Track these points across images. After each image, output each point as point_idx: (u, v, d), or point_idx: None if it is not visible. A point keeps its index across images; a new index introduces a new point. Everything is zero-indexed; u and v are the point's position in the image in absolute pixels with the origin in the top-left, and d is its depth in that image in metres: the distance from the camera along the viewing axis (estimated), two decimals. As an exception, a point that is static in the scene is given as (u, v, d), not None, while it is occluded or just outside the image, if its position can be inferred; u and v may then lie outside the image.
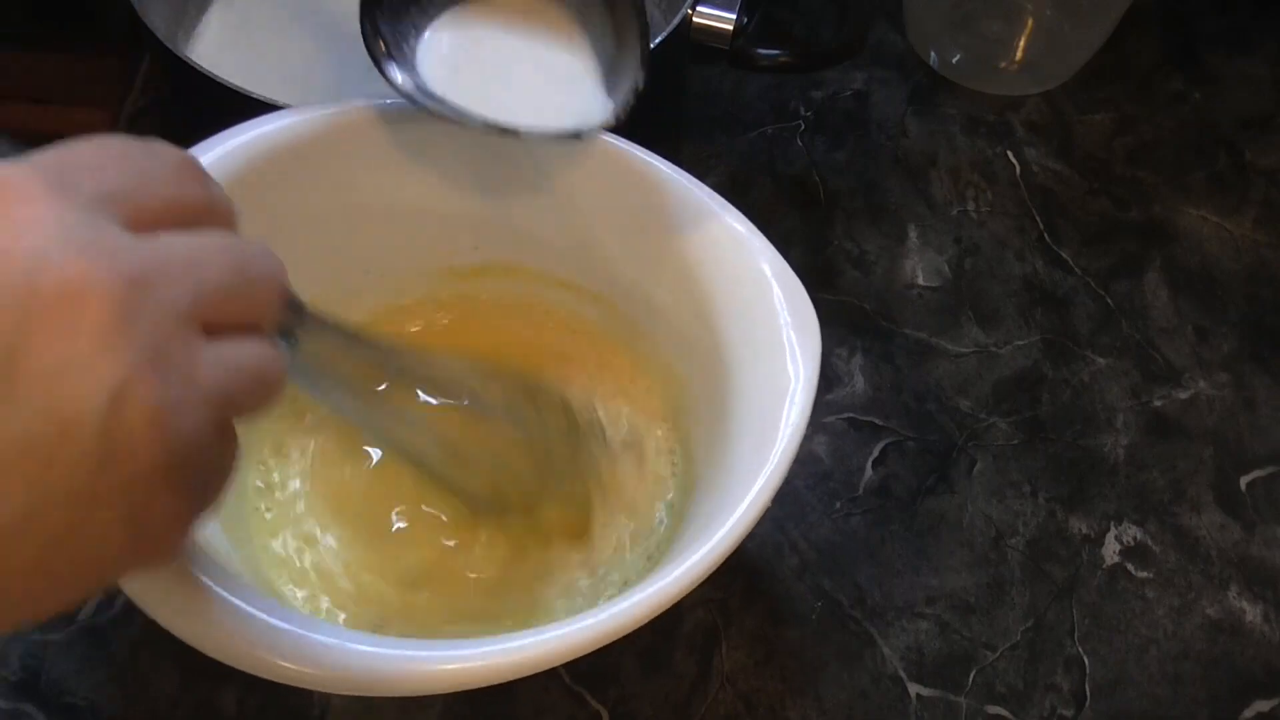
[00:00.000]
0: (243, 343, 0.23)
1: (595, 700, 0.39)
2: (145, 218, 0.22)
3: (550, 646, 0.28)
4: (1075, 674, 0.41)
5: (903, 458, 0.46)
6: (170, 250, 0.22)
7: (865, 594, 0.42)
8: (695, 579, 0.29)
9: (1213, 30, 0.63)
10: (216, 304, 0.23)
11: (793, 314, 0.35)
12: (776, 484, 0.31)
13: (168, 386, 0.20)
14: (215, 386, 0.22)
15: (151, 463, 0.20)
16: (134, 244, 0.21)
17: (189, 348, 0.22)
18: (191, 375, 0.21)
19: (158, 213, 0.23)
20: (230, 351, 0.23)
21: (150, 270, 0.21)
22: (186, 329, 0.22)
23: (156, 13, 0.45)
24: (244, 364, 0.23)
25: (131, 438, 0.20)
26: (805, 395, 0.33)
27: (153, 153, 0.24)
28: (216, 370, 0.22)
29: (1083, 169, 0.56)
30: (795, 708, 0.40)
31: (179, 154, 0.24)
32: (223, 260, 0.23)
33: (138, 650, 0.39)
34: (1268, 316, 0.52)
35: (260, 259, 0.24)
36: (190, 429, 0.21)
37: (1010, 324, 0.51)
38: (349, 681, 0.27)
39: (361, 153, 0.38)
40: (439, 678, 0.27)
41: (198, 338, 0.22)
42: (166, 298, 0.21)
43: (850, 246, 0.53)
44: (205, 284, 0.22)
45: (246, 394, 0.23)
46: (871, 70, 0.59)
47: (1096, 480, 0.46)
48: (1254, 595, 0.44)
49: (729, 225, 0.36)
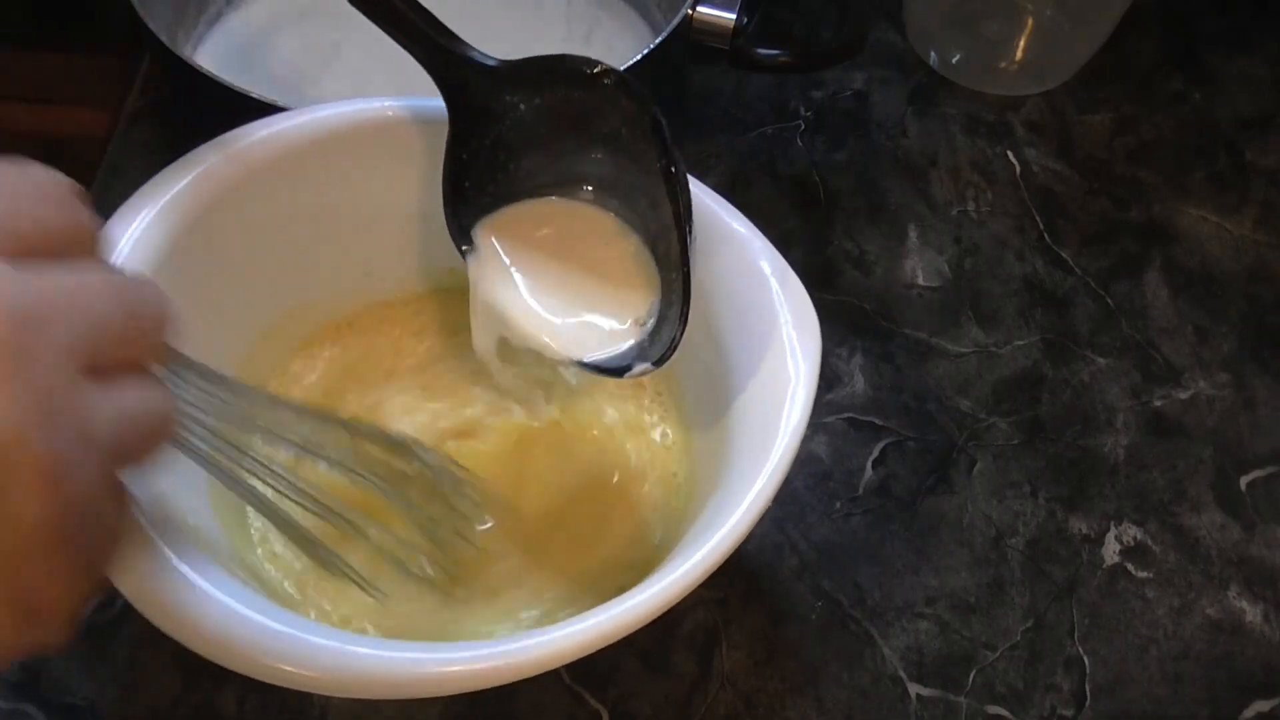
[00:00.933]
0: (132, 387, 0.22)
1: (595, 700, 0.39)
2: (25, 246, 0.20)
3: (551, 648, 0.27)
4: (1075, 674, 0.41)
5: (903, 458, 0.46)
6: (58, 287, 0.20)
7: (865, 594, 0.42)
8: (698, 578, 0.29)
9: (1213, 30, 0.63)
10: (103, 344, 0.21)
11: (793, 313, 0.35)
12: (778, 483, 0.31)
13: (58, 440, 0.18)
14: (109, 438, 0.20)
15: (37, 526, 0.18)
16: (20, 278, 0.19)
17: (81, 396, 0.20)
18: (83, 427, 0.19)
19: (32, 239, 0.21)
20: (121, 396, 0.21)
21: (40, 310, 0.19)
22: (77, 373, 0.20)
23: (156, 13, 0.45)
24: (137, 410, 0.21)
25: (17, 497, 0.18)
26: (806, 394, 0.33)
27: (26, 175, 0.22)
28: (110, 420, 0.20)
29: (1083, 169, 0.56)
30: (795, 708, 0.40)
31: (57, 177, 0.23)
32: (112, 296, 0.21)
33: (138, 650, 0.39)
34: (1268, 316, 0.52)
35: (148, 296, 0.23)
36: (83, 485, 0.19)
37: (1010, 324, 0.51)
38: (350, 684, 0.27)
39: (364, 154, 0.38)
40: (439, 680, 0.27)
41: (88, 382, 0.20)
42: (58, 341, 0.19)
43: (850, 246, 0.53)
44: (93, 323, 0.20)
45: (139, 442, 0.22)
46: (871, 70, 0.59)
47: (1096, 480, 0.46)
48: (1254, 595, 0.44)
49: (728, 225, 0.36)
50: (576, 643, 0.28)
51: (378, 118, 0.37)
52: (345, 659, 0.27)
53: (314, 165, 0.37)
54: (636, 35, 0.54)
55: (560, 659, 0.28)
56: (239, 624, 0.27)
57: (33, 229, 0.21)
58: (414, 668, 0.27)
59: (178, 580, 0.27)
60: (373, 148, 0.38)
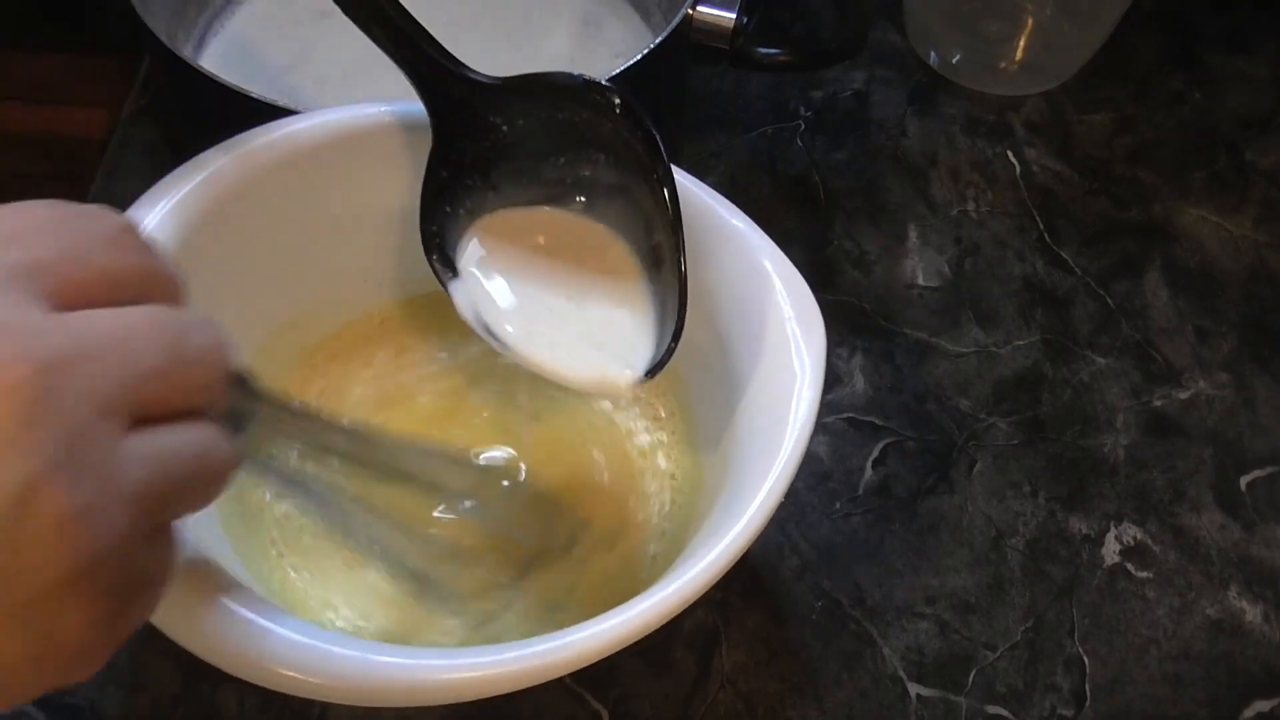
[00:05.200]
0: (179, 431, 0.21)
1: (595, 700, 0.39)
2: (73, 291, 0.20)
3: (557, 655, 0.27)
4: (1075, 674, 0.41)
5: (903, 458, 0.46)
6: (95, 329, 0.20)
7: (865, 594, 0.42)
8: (711, 579, 0.29)
9: (1213, 30, 0.63)
10: (148, 389, 0.20)
11: (796, 308, 0.35)
12: (789, 478, 0.31)
13: (81, 488, 0.18)
14: (139, 485, 0.20)
15: (59, 575, 0.18)
16: (53, 325, 0.19)
17: (109, 442, 0.19)
18: (110, 474, 0.19)
19: (88, 285, 0.21)
20: (162, 443, 0.20)
21: (70, 354, 0.19)
22: (108, 420, 0.19)
23: (156, 13, 0.45)
24: (178, 457, 0.21)
25: (37, 548, 0.18)
26: (812, 390, 0.33)
27: (88, 217, 0.22)
28: (143, 466, 0.20)
29: (1083, 169, 0.56)
30: (795, 708, 0.40)
31: (116, 219, 0.22)
32: (155, 337, 0.21)
33: (138, 650, 0.39)
34: (1268, 316, 0.52)
35: (199, 333, 0.22)
36: (106, 534, 0.19)
37: (1010, 324, 0.51)
38: (352, 692, 0.26)
39: (366, 157, 0.38)
40: (444, 688, 0.27)
41: (121, 430, 0.20)
42: (86, 385, 0.19)
43: (850, 246, 0.53)
44: (133, 367, 0.20)
45: (181, 489, 0.21)
46: (871, 70, 0.59)
47: (1096, 480, 0.46)
48: (1254, 595, 0.44)
49: (728, 222, 0.36)
50: (584, 650, 0.27)
51: (380, 119, 0.37)
52: (351, 665, 0.26)
53: (320, 168, 0.37)
54: (637, 35, 0.54)
55: (568, 667, 0.27)
56: (242, 628, 0.27)
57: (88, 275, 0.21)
58: (418, 675, 0.27)
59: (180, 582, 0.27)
60: (377, 150, 0.38)
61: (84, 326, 0.20)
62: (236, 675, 0.27)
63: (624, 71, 0.43)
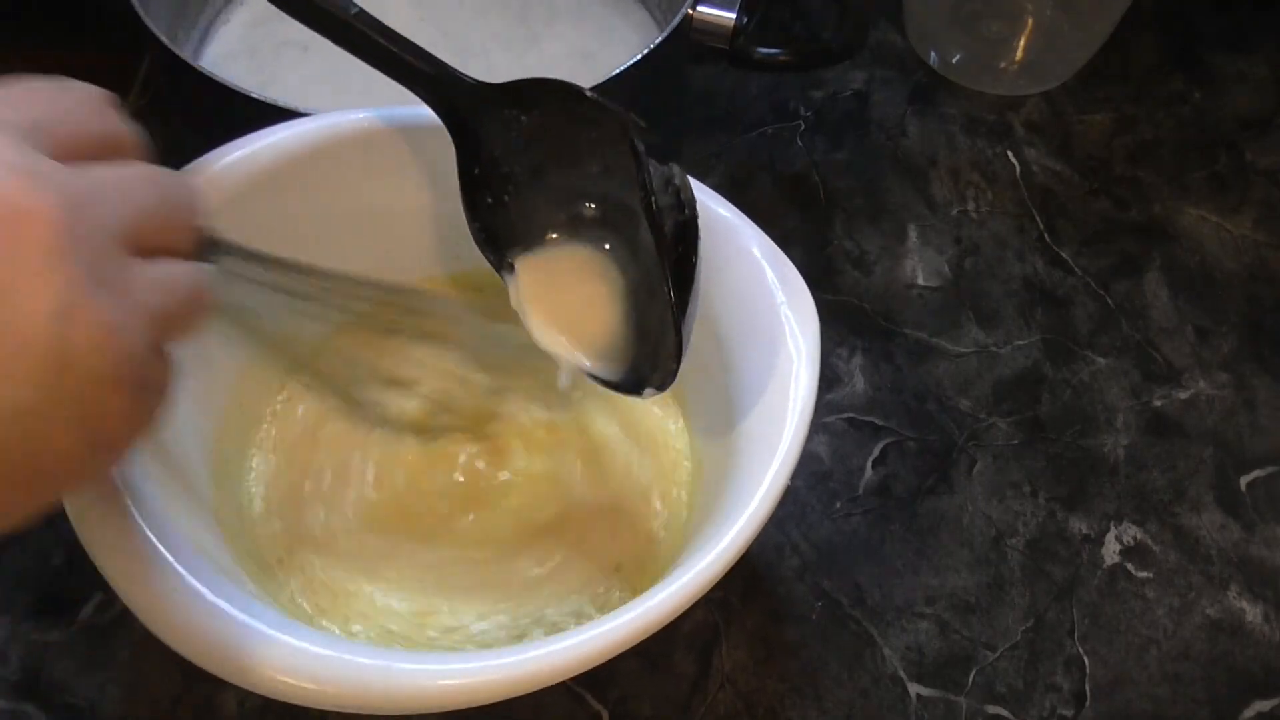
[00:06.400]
0: (172, 265, 0.25)
1: (595, 700, 0.39)
2: (71, 148, 0.23)
3: (558, 659, 0.27)
4: (1075, 674, 0.41)
5: (903, 458, 0.46)
6: (101, 178, 0.23)
7: (865, 594, 0.42)
8: (718, 573, 0.29)
9: (1213, 30, 0.63)
10: (144, 228, 0.24)
11: (787, 294, 0.35)
12: (792, 465, 0.31)
13: (112, 305, 0.22)
14: (152, 306, 0.23)
15: (104, 373, 0.22)
16: (67, 170, 0.22)
17: (126, 268, 0.23)
18: (130, 294, 0.23)
19: (82, 144, 0.24)
20: (163, 271, 0.24)
21: (86, 195, 0.22)
22: (121, 250, 0.23)
23: (156, 13, 0.45)
24: (175, 283, 0.25)
25: (81, 352, 0.21)
26: (809, 372, 0.33)
27: (70, 89, 0.25)
28: (152, 290, 0.23)
29: (1083, 169, 0.56)
30: (795, 708, 0.40)
31: (95, 90, 0.26)
32: (147, 188, 0.25)
33: (138, 650, 0.39)
34: (1268, 316, 0.52)
35: (181, 185, 0.26)
36: (133, 346, 0.22)
37: (1010, 324, 0.51)
38: (350, 698, 0.26)
39: (367, 159, 0.38)
40: (443, 694, 0.27)
41: (131, 259, 0.23)
42: (101, 221, 0.22)
43: (850, 246, 0.53)
44: (134, 209, 0.24)
45: (179, 313, 0.25)
46: (871, 70, 0.59)
47: (1096, 480, 0.46)
48: (1254, 595, 0.44)
49: (715, 212, 0.36)
50: (585, 653, 0.27)
51: (381, 122, 0.37)
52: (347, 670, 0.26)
53: (322, 169, 0.37)
54: (637, 34, 0.54)
55: (568, 671, 0.27)
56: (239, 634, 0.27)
57: (72, 133, 0.24)
58: (418, 680, 0.26)
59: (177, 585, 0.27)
60: (379, 151, 0.38)
61: (93, 174, 0.23)
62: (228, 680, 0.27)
63: (624, 71, 0.43)
